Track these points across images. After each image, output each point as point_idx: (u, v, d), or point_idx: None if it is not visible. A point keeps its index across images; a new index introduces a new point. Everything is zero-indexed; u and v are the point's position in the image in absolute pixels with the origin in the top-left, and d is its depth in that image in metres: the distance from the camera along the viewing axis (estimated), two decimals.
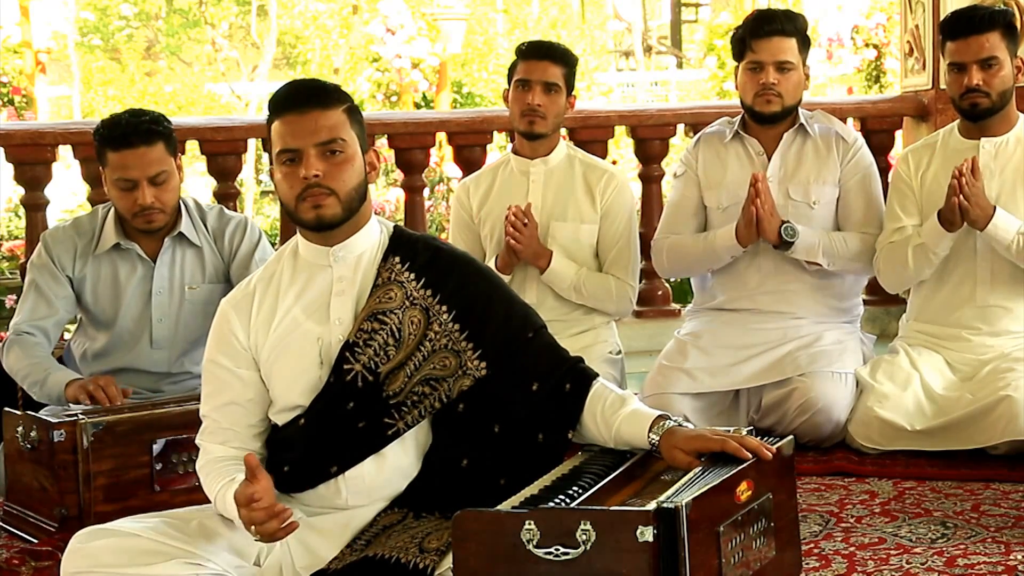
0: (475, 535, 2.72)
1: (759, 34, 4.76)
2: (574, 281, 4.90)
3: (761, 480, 2.84)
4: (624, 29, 27.44)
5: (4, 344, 4.37)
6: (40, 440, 3.90)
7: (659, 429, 2.97)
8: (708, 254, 4.87)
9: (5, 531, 4.05)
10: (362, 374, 3.07)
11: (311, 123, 3.01)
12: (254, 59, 25.13)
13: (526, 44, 5.09)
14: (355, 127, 3.07)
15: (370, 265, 3.13)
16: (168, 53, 25.93)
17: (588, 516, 2.64)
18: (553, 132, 5.03)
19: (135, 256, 4.40)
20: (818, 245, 4.71)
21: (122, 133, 4.25)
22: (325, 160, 3.01)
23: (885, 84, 13.05)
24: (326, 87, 3.11)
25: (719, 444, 2.89)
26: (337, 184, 3.02)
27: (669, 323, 6.73)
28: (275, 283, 3.18)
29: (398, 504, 3.12)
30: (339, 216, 3.05)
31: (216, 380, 3.18)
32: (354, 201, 3.06)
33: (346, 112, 3.07)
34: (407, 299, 3.10)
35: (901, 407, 4.49)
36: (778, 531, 2.89)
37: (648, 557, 2.59)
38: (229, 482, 3.03)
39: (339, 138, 3.03)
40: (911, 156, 4.80)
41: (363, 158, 3.08)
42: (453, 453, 3.11)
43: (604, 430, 3.06)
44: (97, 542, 3.02)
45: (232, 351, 3.16)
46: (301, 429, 3.11)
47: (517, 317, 3.17)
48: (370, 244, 3.15)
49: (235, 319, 3.18)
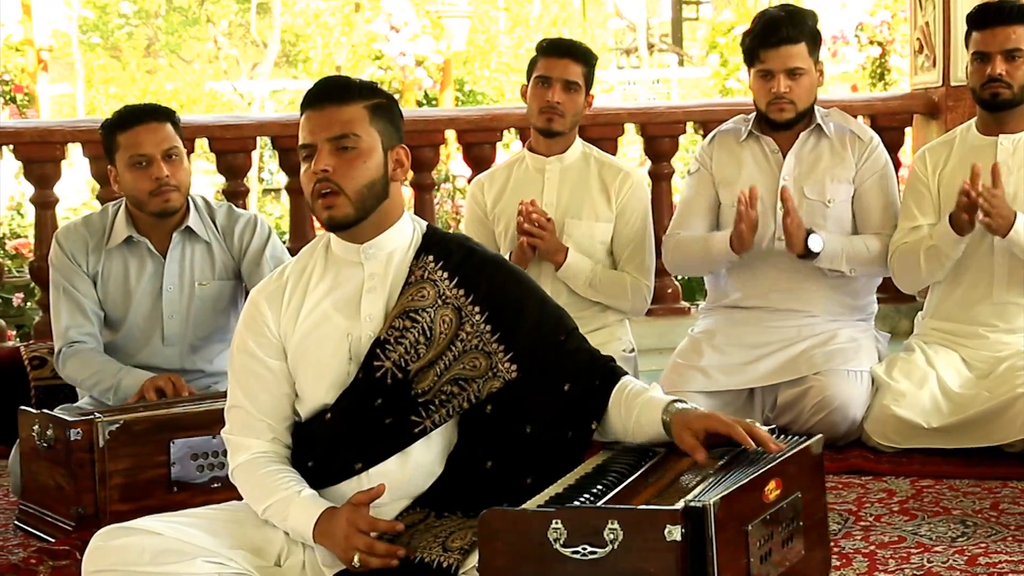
0: (501, 534, 2.70)
1: (767, 44, 4.74)
2: (589, 277, 4.89)
3: (790, 479, 2.82)
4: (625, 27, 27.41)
5: (59, 357, 4.37)
6: (56, 439, 3.89)
7: (671, 409, 2.97)
8: (705, 256, 4.88)
9: (21, 530, 4.04)
10: (392, 371, 3.05)
11: (325, 118, 3.00)
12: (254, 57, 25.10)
13: (547, 41, 5.08)
14: (378, 123, 3.03)
15: (402, 262, 3.11)
16: (168, 51, 25.90)
17: (615, 515, 2.62)
18: (571, 130, 5.02)
19: (145, 252, 4.39)
20: (841, 254, 4.70)
21: (132, 113, 4.34)
22: (336, 156, 2.98)
23: (889, 82, 13.04)
24: (347, 83, 3.07)
25: (727, 428, 2.89)
26: (345, 180, 2.98)
27: (679, 321, 6.72)
28: (306, 276, 3.16)
29: (420, 503, 3.10)
30: (351, 216, 3.02)
31: (247, 371, 3.15)
32: (367, 199, 3.02)
33: (368, 108, 3.02)
34: (439, 298, 3.08)
35: (917, 405, 4.48)
36: (807, 530, 2.86)
37: (676, 556, 2.57)
38: (296, 495, 3.03)
39: (352, 133, 2.99)
40: (928, 154, 4.78)
41: (386, 155, 3.05)
42: (478, 453, 3.09)
43: (624, 418, 3.04)
44: (118, 541, 3.00)
45: (263, 340, 3.14)
46: (327, 424, 3.09)
47: (549, 320, 3.14)
48: (402, 241, 3.12)
49: (266, 308, 3.15)
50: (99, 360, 4.33)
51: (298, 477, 3.08)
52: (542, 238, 4.76)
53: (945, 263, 4.57)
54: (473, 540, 2.87)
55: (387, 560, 2.92)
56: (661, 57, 26.76)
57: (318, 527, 2.98)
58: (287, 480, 3.07)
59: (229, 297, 4.52)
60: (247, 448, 3.13)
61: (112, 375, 4.26)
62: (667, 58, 26.51)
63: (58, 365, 4.40)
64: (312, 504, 3.01)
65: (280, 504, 3.05)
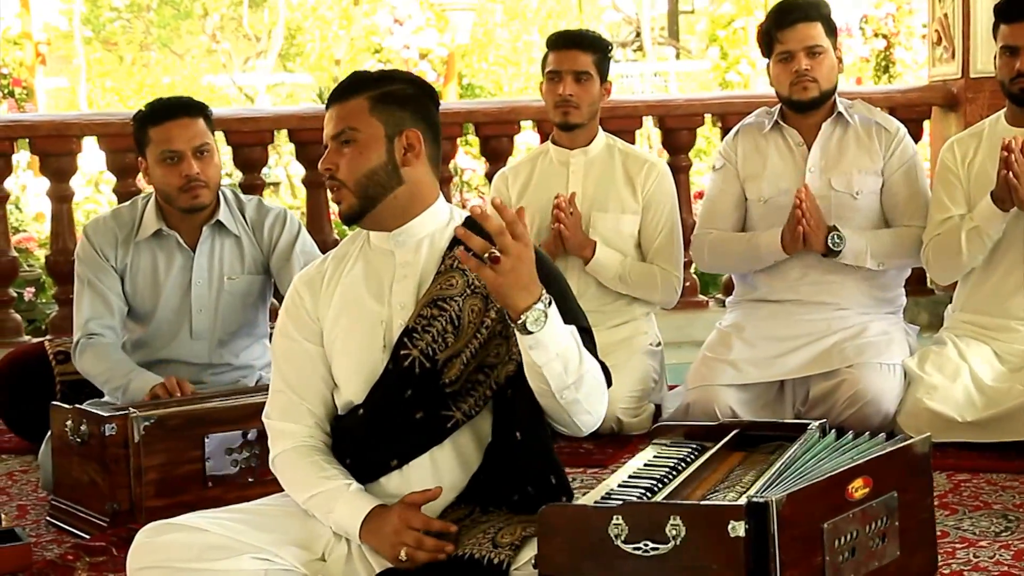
0: (561, 530, 2.68)
1: (784, 24, 4.73)
2: (619, 271, 4.87)
3: (884, 477, 2.78)
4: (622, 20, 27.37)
5: (76, 348, 4.34)
6: (91, 434, 3.85)
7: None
8: (751, 256, 4.84)
9: (53, 526, 4.00)
10: (419, 360, 3.02)
11: (332, 118, 3.03)
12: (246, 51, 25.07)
13: (555, 35, 5.08)
14: (381, 112, 3.01)
15: (436, 251, 3.08)
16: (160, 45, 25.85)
17: (678, 511, 2.60)
18: (590, 121, 5.00)
19: (174, 245, 4.36)
20: (866, 249, 4.67)
21: (164, 107, 4.30)
22: (338, 152, 3.01)
23: (894, 74, 13.02)
24: (353, 79, 3.08)
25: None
26: (344, 174, 3.00)
27: (696, 315, 6.72)
28: (344, 262, 3.16)
29: (464, 499, 3.07)
30: (355, 208, 3.02)
31: (287, 355, 3.14)
32: (369, 188, 3.00)
33: (370, 99, 3.01)
34: (468, 287, 3.05)
35: (951, 399, 4.45)
36: (904, 531, 2.83)
37: (739, 553, 2.55)
38: (343, 488, 3.00)
39: (348, 127, 3.00)
40: (957, 146, 4.75)
41: (392, 142, 3.01)
42: (510, 439, 3.06)
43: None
44: (164, 537, 2.98)
45: (302, 324, 3.13)
46: (361, 420, 3.07)
47: (570, 310, 3.08)
48: (434, 229, 3.09)
49: (305, 293, 3.15)
50: (114, 357, 4.29)
51: (343, 470, 3.06)
52: (567, 226, 4.73)
53: (987, 243, 4.51)
54: (524, 536, 2.85)
55: (434, 554, 2.89)
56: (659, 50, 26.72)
57: (366, 524, 2.95)
58: (333, 472, 3.05)
59: (258, 292, 4.49)
60: (289, 435, 3.11)
61: (123, 375, 4.21)
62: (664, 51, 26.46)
63: (74, 356, 4.36)
64: (361, 500, 2.98)
65: (325, 497, 3.02)
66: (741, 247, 4.85)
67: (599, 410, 2.93)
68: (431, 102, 3.11)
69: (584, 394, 2.86)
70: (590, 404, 2.89)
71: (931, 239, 4.65)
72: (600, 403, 2.92)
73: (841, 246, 4.61)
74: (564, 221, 4.79)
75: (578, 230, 4.81)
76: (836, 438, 3.04)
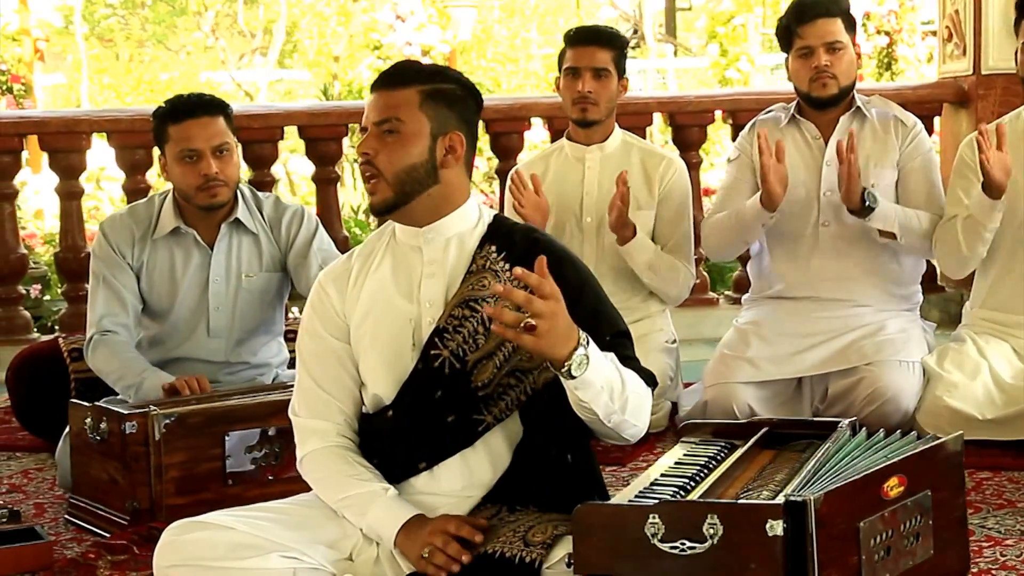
0: (597, 529, 2.65)
1: (804, 19, 4.72)
2: (651, 259, 4.86)
3: (917, 475, 2.76)
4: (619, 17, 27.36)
5: (89, 344, 4.31)
6: (110, 432, 3.82)
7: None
8: (740, 224, 4.79)
9: (72, 524, 3.97)
10: (450, 361, 2.99)
11: (376, 101, 2.99)
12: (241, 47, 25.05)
13: (573, 30, 5.05)
14: (431, 109, 2.97)
15: (465, 251, 3.05)
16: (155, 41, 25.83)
17: (715, 509, 2.58)
18: (607, 118, 4.99)
19: (192, 243, 4.34)
20: (894, 216, 4.63)
21: (185, 105, 4.26)
22: (379, 140, 2.96)
23: (896, 71, 13.02)
24: (404, 68, 3.06)
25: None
26: (383, 164, 2.95)
27: (707, 312, 6.72)
28: (371, 259, 3.13)
29: (491, 499, 3.05)
30: (388, 200, 2.98)
31: (315, 352, 3.11)
32: (406, 184, 2.97)
33: (422, 93, 2.97)
34: None
35: (971, 396, 4.44)
36: (937, 530, 2.81)
37: (777, 552, 2.53)
38: (380, 493, 2.98)
39: (394, 117, 2.96)
40: None
41: (436, 141, 2.98)
42: (545, 444, 3.04)
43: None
44: (192, 535, 2.95)
45: (330, 321, 3.11)
46: (390, 422, 3.04)
47: (603, 315, 3.04)
48: (464, 228, 3.07)
49: (332, 289, 3.13)
50: (127, 355, 4.27)
51: (377, 472, 3.03)
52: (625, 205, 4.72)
53: (983, 233, 4.48)
54: (555, 534, 2.83)
55: (449, 563, 2.85)
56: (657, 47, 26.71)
57: (403, 531, 2.93)
58: (367, 475, 3.03)
59: (275, 289, 4.47)
60: (318, 433, 3.08)
61: (136, 374, 4.19)
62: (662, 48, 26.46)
63: (87, 352, 4.34)
64: (399, 507, 2.97)
65: (359, 499, 3.00)
66: (731, 220, 4.82)
67: (644, 419, 2.91)
68: (476, 106, 3.08)
69: (630, 412, 2.84)
70: (636, 418, 2.87)
71: (938, 233, 4.64)
72: (644, 413, 2.91)
73: (875, 204, 4.57)
74: (625, 197, 4.73)
75: (625, 212, 4.76)
76: (866, 437, 3.03)
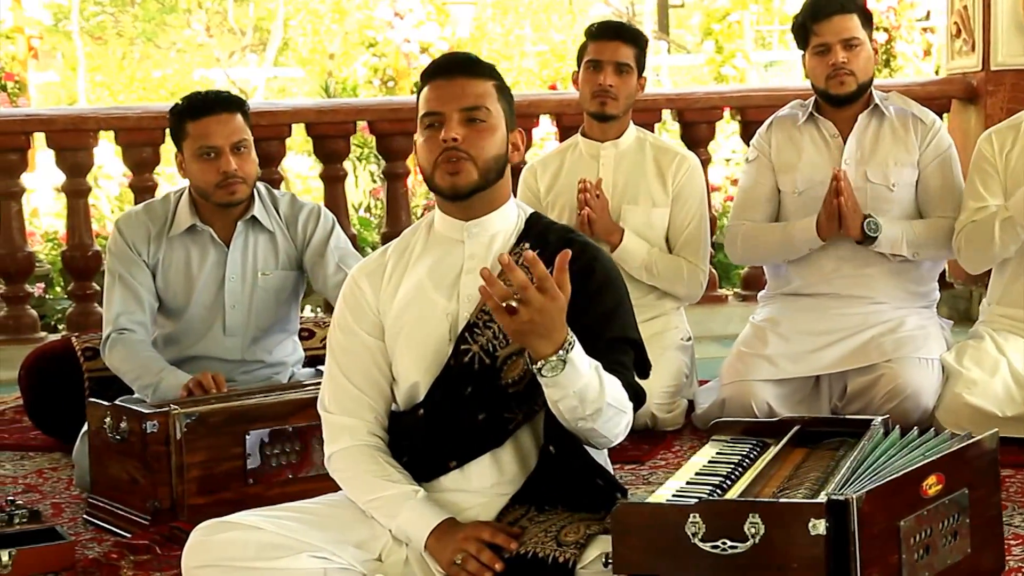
0: (636, 528, 2.64)
1: (820, 16, 4.69)
2: (646, 260, 4.84)
3: (955, 474, 2.75)
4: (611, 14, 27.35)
5: (106, 343, 4.28)
6: (131, 431, 3.79)
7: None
8: (785, 245, 4.80)
9: (91, 524, 3.94)
10: (479, 356, 2.97)
11: (458, 89, 2.97)
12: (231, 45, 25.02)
13: (596, 25, 5.03)
14: (503, 103, 3.02)
15: (503, 248, 3.04)
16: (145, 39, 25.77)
17: (757, 508, 2.56)
18: (624, 114, 4.97)
19: (208, 240, 4.31)
20: (901, 237, 4.64)
21: (203, 102, 4.23)
22: (466, 126, 2.95)
23: (895, 68, 13.00)
24: (478, 60, 3.07)
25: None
26: (476, 150, 2.95)
27: (716, 309, 6.70)
28: (408, 253, 3.11)
29: (519, 499, 3.02)
30: (474, 183, 2.97)
31: (346, 349, 3.09)
32: (491, 172, 2.98)
33: (496, 87, 3.02)
34: None
35: (990, 393, 4.42)
36: (974, 528, 2.80)
37: (820, 551, 2.51)
38: (411, 495, 2.96)
39: (484, 106, 2.97)
40: (995, 136, 4.71)
41: (507, 136, 3.02)
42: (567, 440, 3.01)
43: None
44: (221, 535, 2.94)
45: (363, 317, 3.08)
46: (421, 420, 3.02)
47: (617, 319, 3.02)
48: (505, 226, 3.06)
49: (366, 284, 3.10)
50: (145, 354, 4.24)
51: (407, 474, 3.01)
52: (593, 209, 4.70)
53: (1021, 234, 4.49)
54: (588, 534, 2.81)
55: (482, 570, 2.82)
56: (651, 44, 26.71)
57: (434, 535, 2.91)
58: (397, 476, 3.01)
59: (291, 288, 4.44)
60: (348, 430, 3.06)
61: (154, 373, 4.16)
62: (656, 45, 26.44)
63: (104, 351, 4.30)
64: (430, 510, 2.95)
65: (389, 501, 2.97)
66: (776, 236, 4.81)
67: (616, 433, 2.88)
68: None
69: (601, 423, 2.82)
70: (607, 430, 2.85)
71: (964, 227, 4.62)
72: (618, 428, 2.88)
73: (877, 232, 4.57)
74: (591, 205, 4.75)
75: (605, 215, 4.77)
76: (900, 435, 3.01)
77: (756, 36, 20.70)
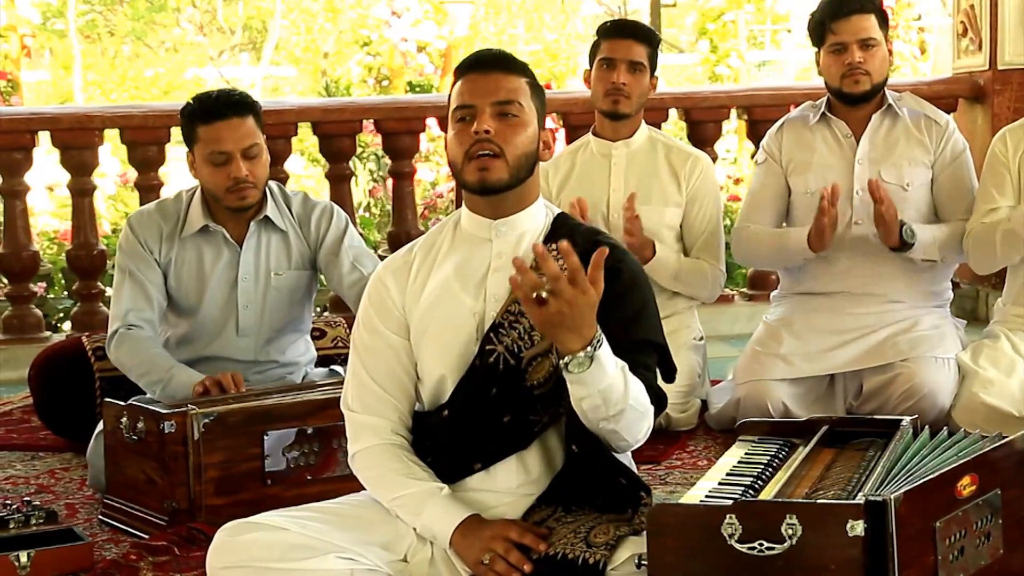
0: (671, 530, 2.61)
1: (838, 15, 4.68)
2: (675, 270, 4.83)
3: (989, 474, 2.73)
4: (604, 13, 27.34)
5: (112, 339, 4.24)
6: (148, 431, 3.76)
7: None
8: (780, 252, 4.81)
9: (107, 525, 3.92)
10: (504, 356, 2.95)
11: (491, 83, 2.96)
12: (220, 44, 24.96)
13: (610, 23, 5.02)
14: (535, 101, 3.01)
15: (529, 247, 3.01)
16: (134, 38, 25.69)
17: (794, 509, 2.54)
18: (636, 113, 4.96)
19: (221, 240, 4.28)
20: (933, 243, 4.63)
21: (214, 106, 4.17)
22: (498, 120, 2.94)
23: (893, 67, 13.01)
24: (513, 57, 3.06)
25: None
26: (507, 145, 2.93)
27: (723, 308, 6.69)
28: (434, 252, 3.09)
29: (545, 500, 3.00)
30: (504, 180, 2.95)
31: (371, 347, 3.07)
32: (522, 169, 2.96)
33: (529, 84, 3.01)
34: None
35: (1007, 393, 4.41)
36: (1007, 529, 2.78)
37: (858, 552, 2.49)
38: (435, 492, 2.94)
39: (516, 101, 2.96)
40: (1009, 136, 4.70)
41: (538, 133, 3.01)
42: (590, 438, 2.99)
43: None
44: (246, 536, 2.91)
45: (388, 316, 3.06)
46: (445, 421, 3.00)
47: (643, 321, 2.99)
48: (533, 226, 3.04)
49: (391, 283, 3.08)
50: (153, 351, 4.21)
51: (431, 472, 2.99)
52: (635, 235, 4.67)
53: (1021, 247, 4.49)
54: (618, 535, 2.79)
55: (510, 571, 2.80)
56: None
57: (459, 532, 2.89)
58: (422, 474, 2.99)
59: (304, 287, 4.42)
60: (373, 429, 3.04)
61: (164, 369, 4.13)
62: None
63: (109, 347, 4.27)
64: (455, 507, 2.93)
65: (414, 498, 2.95)
66: (772, 243, 4.81)
67: (636, 436, 2.87)
68: None
69: (623, 425, 2.80)
70: (628, 433, 2.83)
71: (972, 228, 4.61)
72: (641, 431, 2.86)
73: (914, 239, 4.56)
74: (632, 226, 4.70)
75: (641, 232, 4.73)
76: (930, 436, 3.00)
77: (748, 35, 20.68)
